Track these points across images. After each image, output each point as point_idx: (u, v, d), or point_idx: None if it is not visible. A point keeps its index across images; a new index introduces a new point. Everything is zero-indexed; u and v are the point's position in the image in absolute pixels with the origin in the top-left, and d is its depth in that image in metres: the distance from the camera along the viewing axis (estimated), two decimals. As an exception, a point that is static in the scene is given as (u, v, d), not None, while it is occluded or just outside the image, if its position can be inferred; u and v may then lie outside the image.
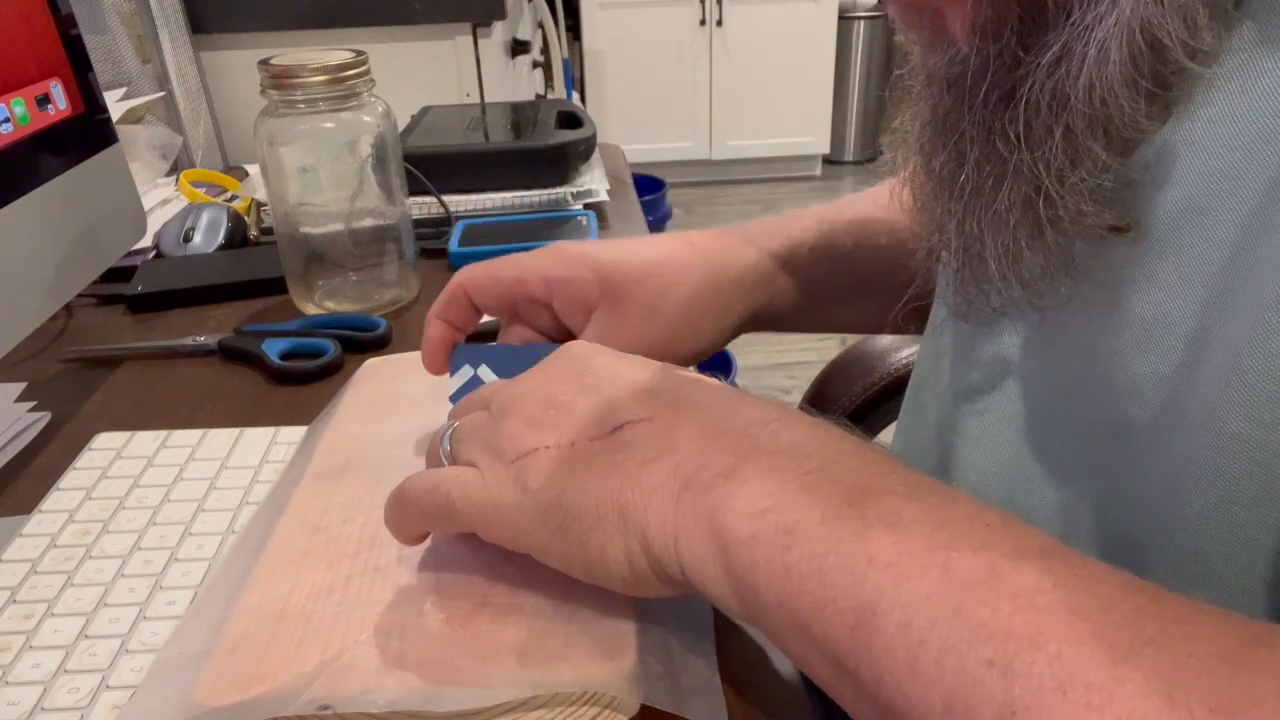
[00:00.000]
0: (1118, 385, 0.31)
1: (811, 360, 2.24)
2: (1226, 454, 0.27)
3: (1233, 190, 0.27)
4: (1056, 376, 0.35)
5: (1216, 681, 0.20)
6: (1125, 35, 0.26)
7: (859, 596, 0.24)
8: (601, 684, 0.31)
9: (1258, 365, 0.26)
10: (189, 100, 1.26)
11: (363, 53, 0.64)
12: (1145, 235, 0.30)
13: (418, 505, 0.35)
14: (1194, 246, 0.28)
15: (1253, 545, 0.28)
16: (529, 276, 0.46)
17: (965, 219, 0.33)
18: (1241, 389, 0.26)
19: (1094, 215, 0.30)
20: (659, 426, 0.31)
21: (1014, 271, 0.32)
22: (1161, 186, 0.29)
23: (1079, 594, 0.22)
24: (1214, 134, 0.28)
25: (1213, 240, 0.28)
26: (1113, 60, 0.27)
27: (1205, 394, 0.28)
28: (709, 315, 0.47)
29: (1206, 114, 0.28)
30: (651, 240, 0.48)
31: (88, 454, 0.50)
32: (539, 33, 2.03)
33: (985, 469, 0.39)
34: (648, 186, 2.42)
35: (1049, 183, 0.30)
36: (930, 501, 0.26)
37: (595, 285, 0.45)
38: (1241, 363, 0.26)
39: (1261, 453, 0.26)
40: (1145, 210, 0.29)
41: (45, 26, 0.57)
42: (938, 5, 0.32)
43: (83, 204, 0.59)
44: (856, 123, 3.56)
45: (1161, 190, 0.29)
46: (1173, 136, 0.29)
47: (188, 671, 0.33)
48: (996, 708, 0.21)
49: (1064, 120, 0.28)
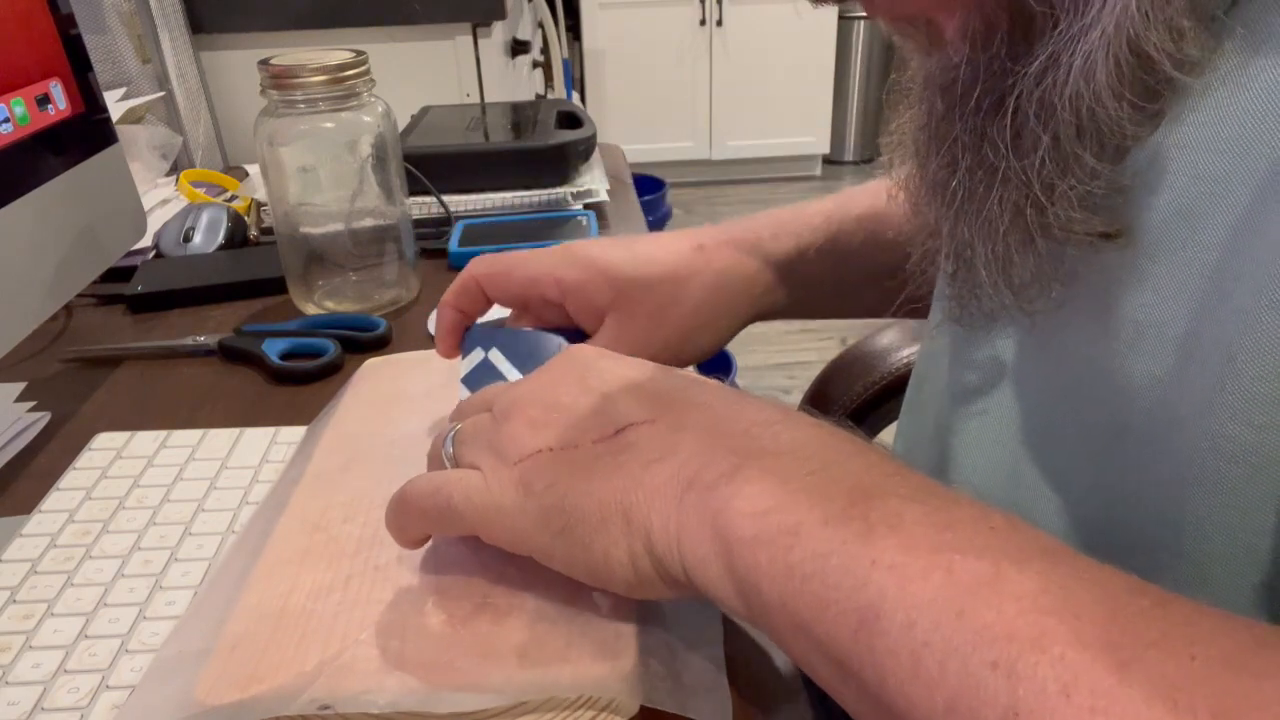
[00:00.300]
0: (1113, 389, 0.31)
1: (811, 360, 2.24)
2: (1223, 457, 0.27)
3: (1223, 194, 0.27)
4: (1052, 380, 0.35)
5: (1220, 684, 0.20)
6: (1111, 47, 0.27)
7: (862, 598, 0.24)
8: (602, 685, 0.31)
9: (1252, 369, 0.26)
10: (189, 100, 1.26)
11: (363, 53, 0.64)
12: (1138, 239, 0.30)
13: (419, 508, 0.35)
14: (1186, 249, 0.28)
15: (1251, 549, 0.28)
16: (543, 279, 0.47)
17: (956, 224, 0.33)
18: (1235, 392, 0.26)
19: (1083, 222, 0.30)
20: (662, 428, 0.31)
21: (1004, 277, 0.32)
22: (1154, 191, 0.29)
23: (1083, 597, 0.22)
24: (1205, 138, 0.28)
25: (1204, 243, 0.28)
26: (1099, 71, 0.27)
27: (1198, 396, 0.28)
28: (716, 320, 0.48)
29: (1197, 119, 0.28)
30: (662, 244, 0.49)
31: (88, 454, 0.50)
32: (539, 33, 2.03)
33: (985, 471, 0.39)
34: (648, 186, 2.42)
35: (1038, 190, 0.30)
36: (933, 504, 0.26)
37: (607, 292, 0.46)
38: (1235, 366, 0.26)
39: (1257, 456, 0.26)
40: (1137, 214, 0.30)
41: (45, 26, 0.57)
42: (930, 14, 0.32)
43: (83, 204, 0.59)
44: (856, 123, 3.56)
45: (1154, 194, 0.29)
46: (1165, 141, 0.29)
47: (188, 670, 0.33)
48: (1000, 710, 0.21)
49: (1051, 129, 0.29)
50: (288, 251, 0.68)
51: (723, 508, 0.28)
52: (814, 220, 0.51)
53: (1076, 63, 0.27)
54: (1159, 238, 0.29)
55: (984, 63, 0.30)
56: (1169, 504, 0.30)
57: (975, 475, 0.39)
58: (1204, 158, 0.28)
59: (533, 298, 0.48)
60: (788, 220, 0.51)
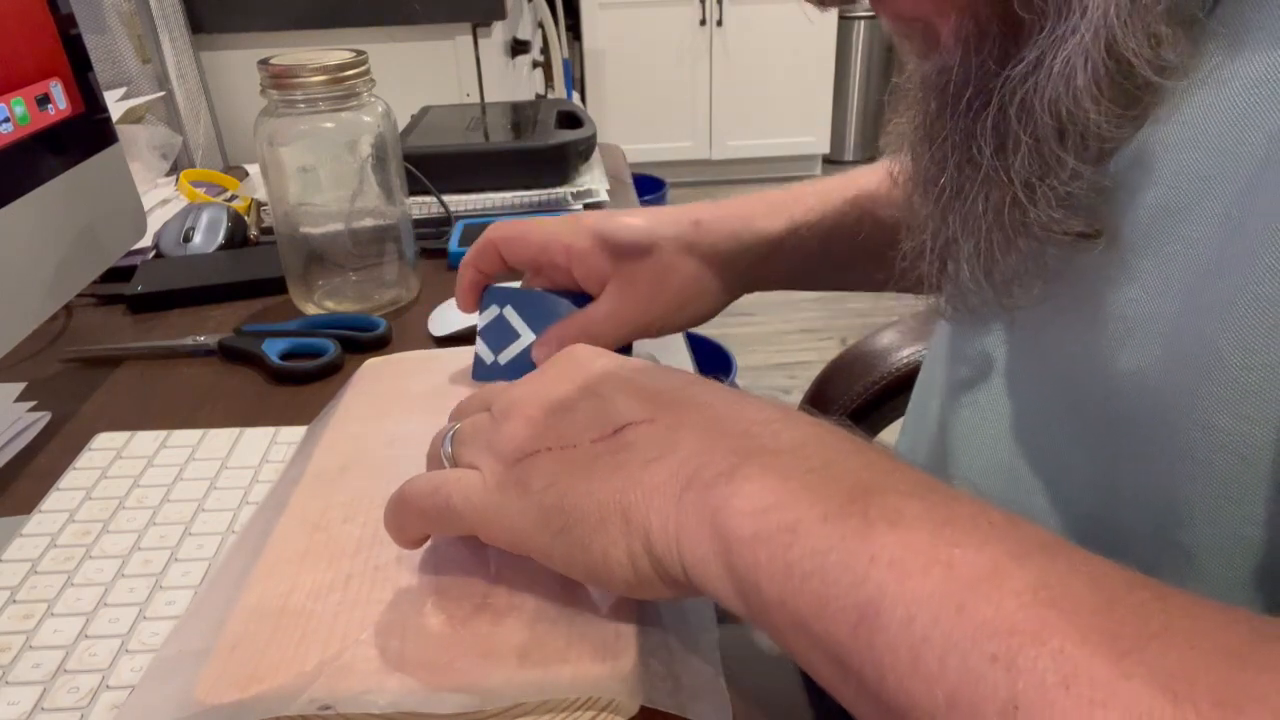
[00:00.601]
0: (1103, 384, 0.32)
1: (811, 360, 2.24)
2: (1213, 448, 0.28)
3: (1207, 191, 0.28)
4: (1044, 376, 0.36)
5: (1220, 676, 0.20)
6: (1090, 52, 0.27)
7: (861, 594, 0.24)
8: (602, 685, 0.31)
9: (1237, 359, 0.27)
10: (189, 100, 1.26)
11: (363, 53, 0.64)
12: (1125, 236, 0.30)
13: (418, 508, 0.35)
14: (1172, 245, 0.29)
15: (1243, 540, 0.29)
16: (553, 244, 0.51)
17: (943, 220, 0.34)
18: (1222, 383, 0.27)
19: (1062, 222, 0.31)
20: (660, 427, 0.31)
21: (986, 274, 0.33)
22: (1140, 189, 0.30)
23: (1082, 590, 0.22)
24: (1189, 137, 0.29)
25: (1189, 239, 0.28)
26: (1078, 75, 0.28)
27: (1185, 388, 0.29)
28: (709, 289, 0.52)
29: (1181, 118, 0.29)
30: (663, 217, 0.52)
31: (88, 454, 0.50)
32: (539, 33, 2.03)
33: (983, 467, 0.39)
34: (648, 186, 2.42)
35: (1019, 190, 0.31)
36: (932, 500, 0.26)
37: (609, 260, 0.50)
38: (1221, 358, 0.27)
39: (1245, 447, 0.27)
40: (1124, 212, 0.30)
41: (45, 26, 0.57)
42: (927, 17, 0.33)
43: (83, 204, 0.59)
44: (856, 123, 3.56)
45: (1140, 193, 0.30)
46: (1150, 140, 0.30)
47: (187, 669, 0.33)
48: (1000, 704, 0.21)
49: (1031, 130, 0.30)
50: (288, 251, 0.68)
51: (721, 506, 0.28)
52: (808, 200, 0.54)
53: (1056, 67, 0.28)
54: (1146, 235, 0.30)
55: (975, 65, 0.31)
56: (1163, 496, 0.30)
57: (974, 473, 0.40)
58: (1188, 156, 0.28)
59: (544, 262, 0.52)
60: (783, 199, 0.54)
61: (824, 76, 3.33)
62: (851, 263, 0.54)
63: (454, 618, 0.34)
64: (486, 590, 0.35)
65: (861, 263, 0.53)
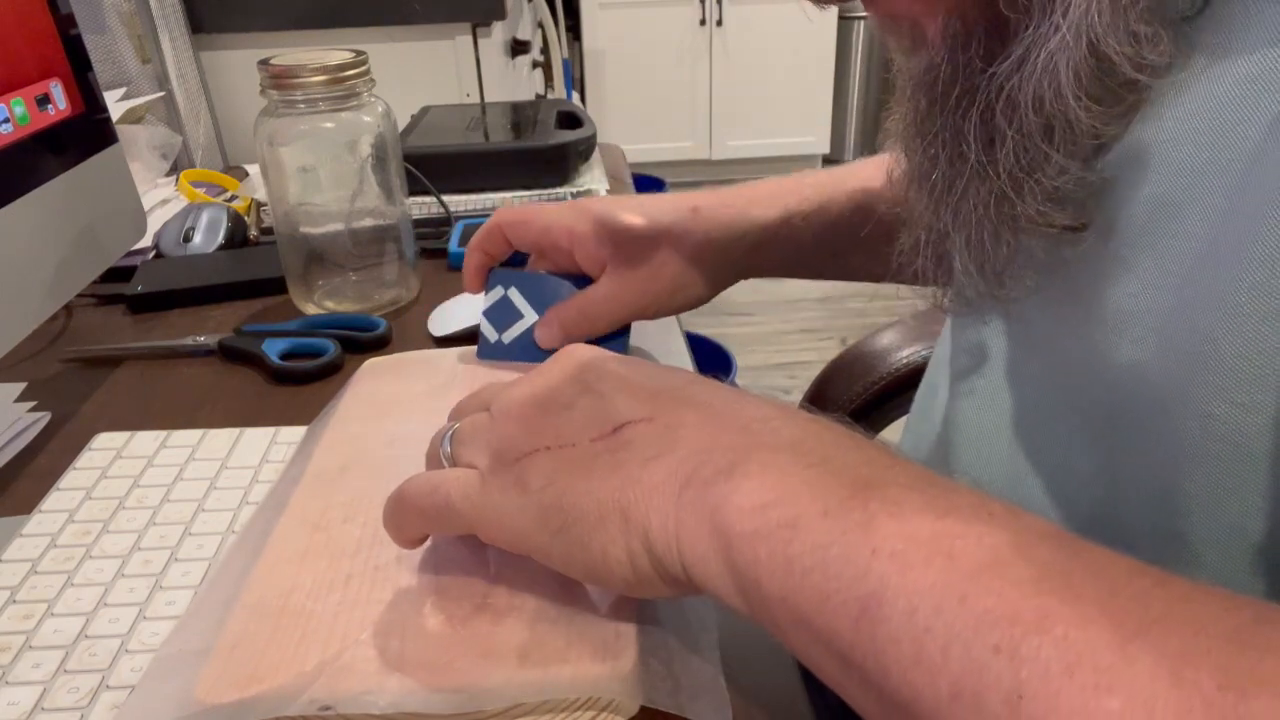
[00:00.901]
0: (1101, 375, 0.32)
1: (811, 360, 2.24)
2: (1210, 437, 0.28)
3: (1202, 184, 0.28)
4: (1043, 368, 0.36)
5: (1224, 659, 0.20)
6: (1071, 50, 0.28)
7: (863, 587, 0.24)
8: (602, 685, 0.31)
9: (1232, 348, 0.27)
10: (189, 100, 1.26)
11: (363, 53, 0.64)
12: (1121, 230, 0.31)
13: (417, 507, 0.35)
14: (1167, 238, 0.29)
15: (1240, 530, 0.29)
16: (556, 228, 0.53)
17: (936, 215, 0.35)
18: (1218, 371, 0.28)
19: (1049, 216, 0.31)
20: (659, 426, 0.31)
21: (978, 267, 0.34)
22: (1136, 183, 0.30)
23: (1084, 578, 0.22)
24: (1183, 132, 0.29)
25: (1185, 233, 0.29)
26: (1060, 73, 0.28)
27: (1181, 378, 0.29)
28: (704, 275, 0.53)
29: (1175, 113, 0.29)
30: (662, 204, 0.54)
31: (88, 454, 0.50)
32: (539, 33, 2.03)
33: (984, 460, 0.39)
34: (647, 186, 2.42)
35: (1006, 184, 0.31)
36: (932, 493, 0.26)
37: (609, 245, 0.52)
38: (1217, 347, 0.28)
39: (1240, 435, 0.28)
40: (1120, 206, 0.31)
41: (45, 26, 0.57)
42: (915, 16, 0.34)
43: (83, 204, 0.59)
44: (856, 123, 3.56)
45: (1136, 187, 0.30)
46: (1145, 135, 0.30)
47: (187, 669, 0.33)
48: (1004, 693, 0.21)
49: (1016, 126, 0.30)
50: (288, 251, 0.68)
51: (721, 503, 0.28)
52: (805, 190, 0.55)
53: (1040, 64, 0.29)
54: (1142, 229, 0.30)
55: (962, 63, 0.32)
56: (1163, 488, 0.31)
57: (974, 467, 0.40)
58: (1183, 150, 0.29)
59: (547, 245, 0.54)
60: (780, 188, 0.55)
61: (824, 76, 3.33)
62: (848, 253, 0.55)
63: (454, 618, 0.34)
64: (486, 590, 0.35)
65: (858, 253, 0.54)
